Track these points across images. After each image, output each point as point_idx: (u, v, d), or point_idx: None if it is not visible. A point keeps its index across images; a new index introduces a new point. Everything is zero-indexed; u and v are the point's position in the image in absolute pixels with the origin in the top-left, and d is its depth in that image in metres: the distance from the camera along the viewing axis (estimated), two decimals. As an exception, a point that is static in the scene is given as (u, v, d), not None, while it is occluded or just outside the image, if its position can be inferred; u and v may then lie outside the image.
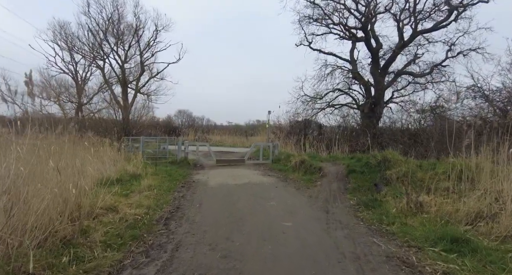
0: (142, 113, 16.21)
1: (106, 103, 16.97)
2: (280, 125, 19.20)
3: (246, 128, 35.16)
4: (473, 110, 12.08)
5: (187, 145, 11.92)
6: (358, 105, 14.71)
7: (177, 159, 11.88)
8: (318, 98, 14.99)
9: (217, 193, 6.72)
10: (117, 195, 5.72)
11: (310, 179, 8.16)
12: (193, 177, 9.05)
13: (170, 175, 8.85)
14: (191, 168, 11.15)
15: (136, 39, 16.61)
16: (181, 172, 9.85)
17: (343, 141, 12.56)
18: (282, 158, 12.48)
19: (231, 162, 12.34)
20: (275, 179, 8.71)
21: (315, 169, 8.81)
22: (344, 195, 6.55)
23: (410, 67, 14.36)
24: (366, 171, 7.28)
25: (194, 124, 35.89)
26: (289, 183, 8.03)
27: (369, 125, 13.09)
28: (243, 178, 8.80)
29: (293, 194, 6.77)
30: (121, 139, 12.51)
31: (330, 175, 8.11)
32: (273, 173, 10.08)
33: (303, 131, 17.08)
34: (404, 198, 5.21)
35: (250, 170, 10.71)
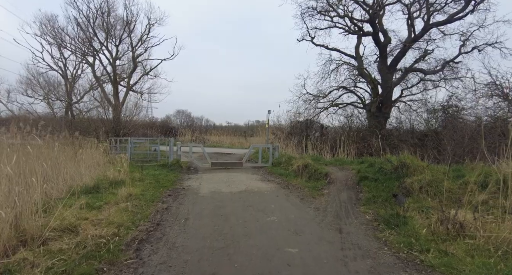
0: (134, 112, 15.20)
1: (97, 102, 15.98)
2: (280, 125, 18.26)
3: (245, 129, 34.35)
4: (489, 110, 11.15)
5: (179, 146, 10.95)
6: (364, 104, 13.76)
7: (169, 162, 10.93)
8: (322, 97, 14.02)
9: (208, 204, 5.75)
10: (85, 209, 4.75)
11: (316, 186, 7.20)
12: (184, 182, 8.08)
13: (157, 181, 7.89)
14: (183, 172, 10.18)
15: (127, 33, 15.62)
16: (172, 176, 8.89)
17: (349, 143, 11.61)
18: (282, 160, 11.53)
19: (228, 165, 11.37)
20: (275, 186, 7.75)
21: (321, 175, 7.85)
22: (357, 207, 5.59)
23: (419, 64, 13.43)
24: (381, 178, 6.32)
25: (193, 125, 35.33)
26: (292, 191, 7.07)
27: (376, 126, 12.13)
28: (240, 184, 7.83)
29: (296, 205, 5.80)
30: (108, 139, 11.54)
31: (338, 182, 7.14)
32: (273, 178, 9.12)
33: (305, 132, 16.15)
34: (434, 215, 4.25)
35: (248, 174, 9.75)
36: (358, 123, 15.24)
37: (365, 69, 12.96)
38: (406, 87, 13.26)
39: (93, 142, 11.46)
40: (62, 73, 17.98)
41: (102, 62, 15.55)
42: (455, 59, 12.56)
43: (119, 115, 14.71)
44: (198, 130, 31.23)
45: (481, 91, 11.39)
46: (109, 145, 11.28)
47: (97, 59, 15.68)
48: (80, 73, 18.73)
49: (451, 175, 5.61)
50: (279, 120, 18.19)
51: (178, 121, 38.15)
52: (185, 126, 33.54)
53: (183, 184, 7.89)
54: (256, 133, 26.39)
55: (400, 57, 12.42)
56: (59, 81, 17.85)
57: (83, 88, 17.93)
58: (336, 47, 14.08)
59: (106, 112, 14.84)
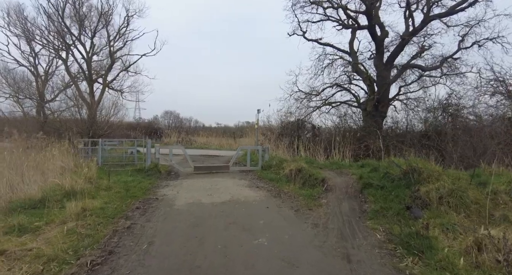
0: (111, 111, 13.91)
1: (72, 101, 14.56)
2: (270, 126, 17.30)
3: (235, 130, 33.35)
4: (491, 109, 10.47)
5: (157, 148, 9.80)
6: (359, 103, 12.94)
7: (146, 166, 9.77)
8: (314, 95, 13.13)
9: (183, 221, 4.68)
10: (15, 232, 3.62)
11: (311, 194, 6.23)
12: (159, 191, 6.97)
13: (127, 189, 6.75)
14: (161, 178, 9.05)
15: (103, 24, 14.24)
16: (146, 183, 7.76)
17: (344, 144, 10.73)
18: (273, 163, 10.54)
19: (213, 169, 10.30)
20: (265, 194, 6.74)
21: (317, 181, 6.89)
22: (363, 221, 4.64)
23: (416, 61, 12.72)
24: (388, 186, 5.40)
25: (182, 126, 34.26)
26: (284, 201, 6.06)
27: (373, 125, 11.30)
28: (224, 192, 6.79)
29: (290, 220, 4.80)
30: (76, 141, 10.30)
31: (338, 190, 6.19)
32: (262, 184, 8.11)
33: (296, 133, 15.24)
34: (467, 236, 3.33)
35: (235, 180, 8.71)
36: (352, 123, 14.46)
37: (361, 64, 12.13)
38: (404, 84, 12.51)
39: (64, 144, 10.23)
40: (33, 70, 16.45)
41: (76, 57, 14.19)
42: (454, 55, 11.90)
43: (95, 115, 13.41)
44: (185, 132, 30.03)
45: (483, 88, 10.73)
46: (77, 148, 10.02)
47: (70, 54, 14.28)
48: (54, 69, 17.26)
49: (472, 182, 4.73)
50: (269, 121, 17.25)
51: (166, 122, 37.01)
52: (173, 127, 32.37)
53: (157, 192, 6.78)
54: (246, 134, 25.37)
55: (398, 52, 11.66)
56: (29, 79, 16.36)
57: (58, 86, 16.49)
58: (329, 42, 13.24)
59: (80, 112, 13.51)
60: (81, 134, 13.29)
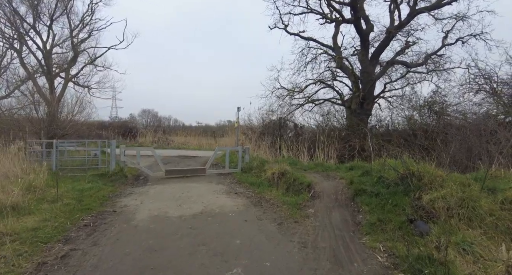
0: (75, 109, 12.50)
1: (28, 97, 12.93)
2: (251, 125, 16.47)
3: (216, 129, 32.23)
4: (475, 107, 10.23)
5: (122, 150, 8.68)
6: (343, 100, 12.40)
7: (110, 170, 8.62)
8: (297, 91, 12.43)
9: (139, 243, 3.73)
10: None
11: (297, 202, 5.45)
12: (120, 201, 5.94)
13: (80, 200, 5.67)
14: (127, 184, 7.97)
15: (62, 10, 12.62)
16: (106, 191, 6.69)
17: (328, 144, 10.10)
18: (254, 165, 9.71)
19: (187, 172, 9.30)
20: (244, 202, 5.89)
21: (302, 186, 6.13)
22: (359, 237, 3.90)
23: (399, 58, 12.35)
24: (383, 192, 4.71)
25: (160, 125, 32.77)
26: (266, 211, 5.24)
27: (358, 124, 10.77)
28: (197, 201, 5.87)
29: (273, 238, 3.98)
30: (25, 143, 8.97)
31: (326, 196, 5.46)
32: (242, 189, 7.27)
33: (278, 132, 14.52)
34: (498, 263, 2.66)
35: (211, 185, 7.81)
36: (335, 122, 13.93)
37: (346, 59, 11.55)
38: (390, 81, 12.10)
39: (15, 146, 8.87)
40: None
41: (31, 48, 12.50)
42: (438, 52, 11.62)
43: (55, 112, 11.97)
44: (162, 131, 28.53)
45: (468, 85, 10.48)
46: (29, 150, 8.71)
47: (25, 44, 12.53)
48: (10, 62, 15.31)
49: (477, 188, 4.13)
50: (250, 119, 16.43)
51: (143, 121, 35.36)
52: (151, 126, 30.80)
53: (117, 203, 5.74)
54: (226, 133, 24.37)
55: (383, 47, 11.20)
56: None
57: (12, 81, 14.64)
58: (312, 37, 12.58)
59: (37, 109, 12.01)
60: (39, 134, 11.83)
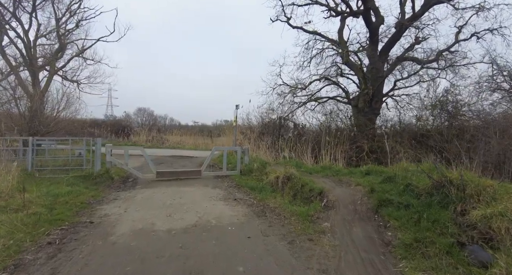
0: (61, 105, 11.56)
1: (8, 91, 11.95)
2: (250, 124, 15.66)
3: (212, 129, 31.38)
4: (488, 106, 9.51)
5: (109, 149, 7.79)
6: (349, 98, 11.63)
7: (94, 172, 7.74)
8: (300, 88, 11.62)
9: (113, 270, 2.89)
10: None
11: (307, 213, 4.63)
12: (101, 208, 5.08)
13: (52, 208, 4.80)
14: (112, 187, 7.10)
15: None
16: (87, 196, 5.82)
17: (334, 145, 9.30)
18: (254, 167, 8.90)
19: (181, 174, 8.45)
20: (245, 211, 5.06)
21: (313, 193, 5.32)
22: (394, 263, 3.10)
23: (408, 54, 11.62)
24: (415, 204, 3.91)
25: (156, 124, 31.96)
26: (272, 223, 4.41)
27: (366, 124, 10.01)
28: (190, 209, 5.03)
29: (286, 263, 3.16)
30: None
31: (342, 207, 4.65)
32: (241, 194, 6.44)
33: (278, 132, 13.72)
34: None
35: (207, 189, 6.97)
36: (339, 121, 13.17)
37: (355, 53, 10.76)
38: (400, 77, 11.31)
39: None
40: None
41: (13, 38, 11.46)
42: (451, 48, 10.90)
43: (38, 108, 11.02)
44: (156, 130, 27.59)
45: (484, 84, 9.76)
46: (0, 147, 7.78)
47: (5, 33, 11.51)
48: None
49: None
50: (249, 118, 15.61)
51: (139, 119, 34.54)
52: (147, 125, 29.92)
53: (96, 212, 4.88)
54: (223, 133, 23.48)
55: (393, 42, 10.43)
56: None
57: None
58: (316, 30, 11.80)
59: (18, 104, 11.07)
60: (20, 132, 10.90)
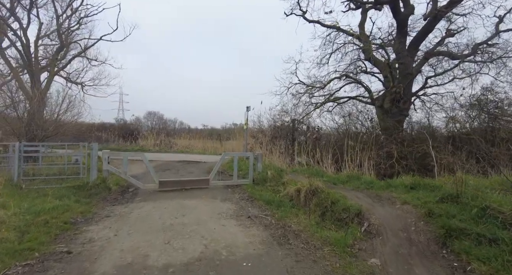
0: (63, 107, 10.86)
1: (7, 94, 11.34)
2: (261, 127, 14.64)
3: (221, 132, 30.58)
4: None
5: (106, 155, 6.91)
6: (373, 98, 10.49)
7: (90, 181, 6.87)
8: (318, 88, 10.55)
9: None
10: None
11: (344, 241, 3.56)
12: (86, 230, 4.14)
13: (25, 231, 3.90)
14: (108, 199, 6.19)
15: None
16: (74, 213, 4.93)
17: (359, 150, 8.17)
18: (268, 176, 7.88)
19: (186, 184, 7.48)
20: (263, 236, 4.02)
21: (347, 213, 4.23)
22: None
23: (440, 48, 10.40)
24: (506, 238, 2.80)
25: (166, 127, 31.52)
26: (300, 258, 3.35)
27: (395, 126, 8.86)
28: (194, 234, 4.03)
29: None
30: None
31: (391, 234, 3.55)
32: (256, 210, 5.43)
33: (292, 135, 12.66)
34: None
35: (215, 203, 5.98)
36: (359, 124, 12.01)
37: (382, 46, 9.61)
38: (434, 74, 10.06)
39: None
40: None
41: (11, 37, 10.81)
42: (489, 41, 9.64)
43: (37, 111, 10.32)
44: (165, 133, 26.95)
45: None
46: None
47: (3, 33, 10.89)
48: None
49: None
50: (261, 121, 14.60)
51: (149, 123, 34.22)
52: (156, 129, 29.45)
53: (80, 236, 3.94)
54: (233, 136, 22.51)
55: (425, 34, 9.21)
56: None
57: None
58: (335, 24, 10.74)
59: (16, 107, 10.41)
60: (18, 137, 10.21)
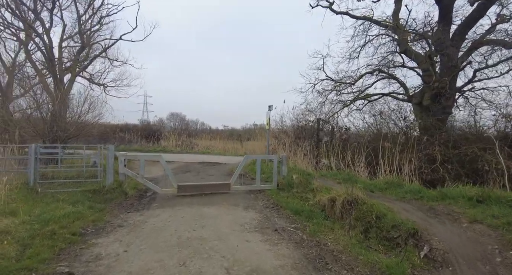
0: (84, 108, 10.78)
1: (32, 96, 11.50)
2: (284, 127, 13.91)
3: (242, 133, 30.24)
4: None
5: (122, 158, 6.52)
6: (409, 95, 9.46)
7: (106, 185, 6.53)
8: (349, 84, 9.68)
9: None
10: None
11: (399, 269, 2.81)
12: (95, 243, 3.69)
13: (28, 245, 3.50)
14: (124, 205, 5.78)
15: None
16: (86, 221, 4.53)
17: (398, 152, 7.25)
18: (294, 180, 7.18)
19: (206, 188, 6.95)
20: (295, 258, 3.35)
21: (397, 231, 3.46)
22: None
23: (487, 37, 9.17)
24: None
25: (188, 128, 31.88)
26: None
27: (437, 126, 7.84)
28: (213, 252, 3.43)
29: None
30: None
31: (462, 263, 2.76)
32: (283, 222, 4.77)
33: (317, 136, 11.84)
34: None
35: (237, 211, 5.39)
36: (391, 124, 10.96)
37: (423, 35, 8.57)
38: (485, 64, 8.82)
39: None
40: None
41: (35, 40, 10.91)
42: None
43: (58, 112, 10.28)
44: (186, 134, 27.00)
45: None
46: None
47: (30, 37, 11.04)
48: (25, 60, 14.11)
49: None
50: (283, 121, 13.87)
51: (171, 124, 34.81)
52: (178, 130, 29.75)
53: (86, 250, 3.48)
54: (254, 137, 21.89)
55: (474, 20, 8.13)
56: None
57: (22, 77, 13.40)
58: (366, 15, 9.84)
59: (40, 109, 10.45)
60: (42, 137, 10.22)
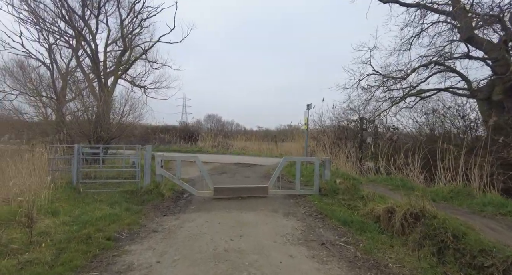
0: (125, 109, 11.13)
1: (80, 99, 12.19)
2: (323, 127, 13.11)
3: (276, 133, 29.78)
4: None
5: (158, 159, 6.40)
6: (472, 89, 8.21)
7: (143, 186, 6.46)
8: (400, 78, 8.68)
9: None
10: None
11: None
12: (128, 250, 3.47)
13: (62, 249, 3.37)
14: (161, 208, 5.62)
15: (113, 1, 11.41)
16: (122, 224, 4.39)
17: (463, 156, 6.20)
18: (338, 186, 6.51)
19: (243, 191, 6.58)
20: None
21: (487, 257, 2.72)
22: None
23: None
24: None
25: (224, 129, 32.45)
26: None
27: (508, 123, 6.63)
28: (254, 269, 2.99)
29: None
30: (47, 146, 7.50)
31: None
32: (330, 234, 4.20)
33: (361, 137, 10.91)
34: None
35: (277, 219, 4.91)
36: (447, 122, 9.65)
37: (497, 17, 7.28)
38: None
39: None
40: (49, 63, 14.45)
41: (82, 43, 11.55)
42: None
43: (101, 114, 10.72)
44: (222, 135, 27.31)
45: None
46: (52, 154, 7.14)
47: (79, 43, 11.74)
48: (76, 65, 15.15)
49: None
50: (322, 120, 13.07)
51: (208, 126, 35.74)
52: (215, 131, 30.36)
53: (119, 258, 3.26)
54: (291, 137, 21.15)
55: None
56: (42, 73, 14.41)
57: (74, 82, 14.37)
58: (418, 1, 8.76)
59: (87, 111, 10.99)
60: (88, 138, 10.73)
